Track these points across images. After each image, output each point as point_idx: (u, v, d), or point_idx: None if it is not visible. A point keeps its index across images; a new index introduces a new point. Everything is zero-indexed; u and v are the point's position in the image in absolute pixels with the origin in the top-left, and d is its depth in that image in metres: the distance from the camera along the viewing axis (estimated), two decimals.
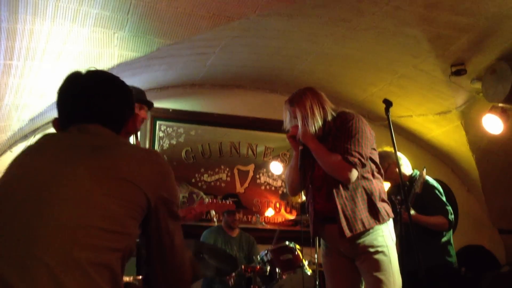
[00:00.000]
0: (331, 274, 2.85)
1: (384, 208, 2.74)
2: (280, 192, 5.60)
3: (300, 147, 2.84)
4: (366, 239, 2.65)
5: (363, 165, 2.69)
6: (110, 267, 1.24)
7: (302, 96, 2.87)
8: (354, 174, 2.66)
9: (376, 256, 2.63)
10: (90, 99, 1.47)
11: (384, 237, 2.68)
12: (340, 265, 2.80)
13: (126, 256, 1.31)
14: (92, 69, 1.53)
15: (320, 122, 2.80)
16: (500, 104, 4.36)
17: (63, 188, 1.27)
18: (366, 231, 2.64)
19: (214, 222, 4.68)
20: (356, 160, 2.65)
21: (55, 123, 1.53)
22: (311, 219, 2.87)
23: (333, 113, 2.85)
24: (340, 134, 2.74)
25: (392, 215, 2.77)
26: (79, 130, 1.42)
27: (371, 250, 2.64)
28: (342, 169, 2.65)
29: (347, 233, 2.62)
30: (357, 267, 2.75)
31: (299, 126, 2.82)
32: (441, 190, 3.87)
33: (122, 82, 1.57)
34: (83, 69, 1.53)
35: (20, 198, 1.27)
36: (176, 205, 1.46)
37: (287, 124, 2.95)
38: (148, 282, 1.49)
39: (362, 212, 2.67)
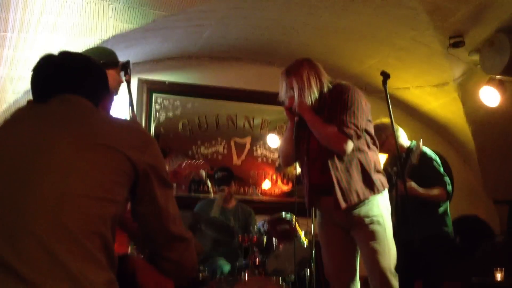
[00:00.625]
0: (327, 244, 2.90)
1: (380, 179, 2.77)
2: (276, 164, 5.62)
3: (296, 118, 2.84)
4: (362, 210, 2.69)
5: (359, 137, 2.70)
6: (101, 234, 1.23)
7: (299, 67, 2.85)
8: (350, 145, 2.67)
9: (372, 226, 2.67)
10: (66, 71, 1.47)
11: (379, 207, 2.72)
12: (336, 235, 2.85)
13: (115, 223, 1.31)
14: (64, 50, 1.54)
15: (316, 94, 2.80)
16: (498, 76, 4.35)
17: (44, 158, 1.26)
18: (361, 202, 2.68)
19: (210, 194, 4.71)
20: (351, 131, 2.65)
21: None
22: (306, 191, 2.89)
23: (329, 85, 2.84)
24: (335, 105, 2.74)
25: (387, 185, 2.80)
26: (60, 100, 1.41)
27: (367, 220, 2.67)
28: (338, 140, 2.66)
29: (342, 204, 2.65)
30: (353, 238, 2.79)
31: (295, 97, 2.82)
32: (439, 161, 3.89)
33: (95, 61, 1.59)
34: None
35: (3, 173, 1.26)
36: (165, 172, 1.44)
37: (282, 95, 2.94)
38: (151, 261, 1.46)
39: (357, 183, 2.69)
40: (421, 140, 3.65)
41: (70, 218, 1.19)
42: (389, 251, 2.68)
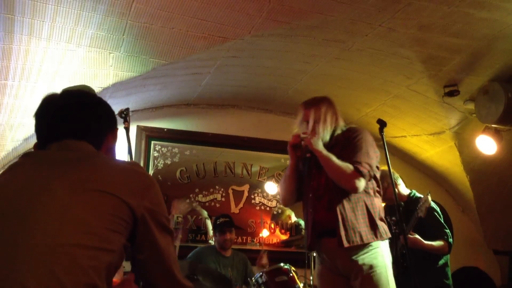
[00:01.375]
0: None
1: (383, 226, 2.75)
2: (274, 212, 5.57)
3: (307, 155, 2.81)
4: (365, 258, 2.63)
5: (371, 177, 2.71)
6: (94, 286, 1.18)
7: (319, 102, 2.91)
8: (362, 183, 2.66)
9: (375, 276, 2.61)
10: (66, 116, 1.44)
11: (383, 256, 2.68)
12: (335, 284, 2.79)
13: (111, 273, 1.25)
14: (66, 88, 1.53)
15: (329, 131, 2.83)
16: (493, 125, 4.38)
17: (40, 205, 1.22)
18: (363, 246, 2.63)
19: (211, 240, 4.63)
20: (365, 170, 2.66)
21: (35, 147, 1.50)
22: (308, 231, 2.84)
23: (343, 128, 2.89)
24: (348, 145, 2.76)
25: (389, 234, 2.77)
26: (59, 146, 1.40)
27: (370, 269, 2.61)
28: (352, 177, 2.64)
29: (345, 243, 2.61)
30: (353, 286, 2.73)
31: (309, 129, 2.81)
32: (440, 212, 3.87)
33: (99, 98, 1.56)
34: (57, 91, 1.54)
35: None
36: (165, 218, 1.39)
37: (295, 127, 2.95)
38: None
39: (362, 225, 2.66)
40: (429, 193, 3.63)
41: (62, 270, 1.14)
42: None
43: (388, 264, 2.67)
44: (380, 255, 2.65)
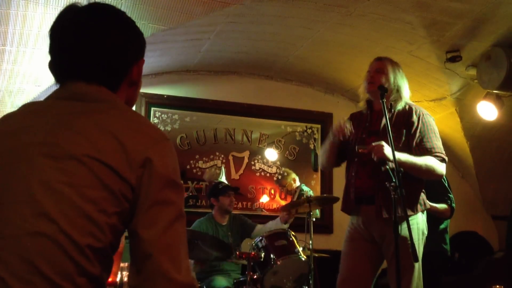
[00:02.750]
0: (352, 256, 2.83)
1: (423, 199, 2.78)
2: (275, 178, 5.61)
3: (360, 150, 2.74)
4: (402, 228, 2.57)
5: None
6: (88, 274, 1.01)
7: (395, 62, 2.94)
8: (445, 168, 2.75)
9: (407, 248, 2.53)
10: (76, 46, 1.15)
11: (419, 229, 2.71)
12: (364, 249, 2.79)
13: (107, 256, 1.07)
14: (93, 1, 1.22)
15: (393, 87, 2.81)
16: (495, 91, 4.36)
17: (15, 182, 1.02)
18: (402, 217, 2.56)
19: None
20: (443, 155, 2.75)
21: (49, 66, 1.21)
22: (348, 194, 2.85)
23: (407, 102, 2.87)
24: (415, 127, 2.77)
25: (428, 205, 2.81)
26: (61, 92, 1.16)
27: (404, 240, 2.54)
28: (439, 169, 2.73)
29: (384, 214, 2.62)
30: (381, 253, 2.74)
31: (380, 80, 2.78)
32: (445, 177, 3.88)
33: (125, 17, 1.24)
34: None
35: None
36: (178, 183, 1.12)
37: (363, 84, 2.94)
38: None
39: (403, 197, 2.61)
40: None
41: (43, 261, 0.96)
42: (418, 276, 2.66)
43: (421, 238, 2.72)
44: (416, 228, 2.67)
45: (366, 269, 2.77)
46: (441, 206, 3.72)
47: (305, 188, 5.14)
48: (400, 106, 2.83)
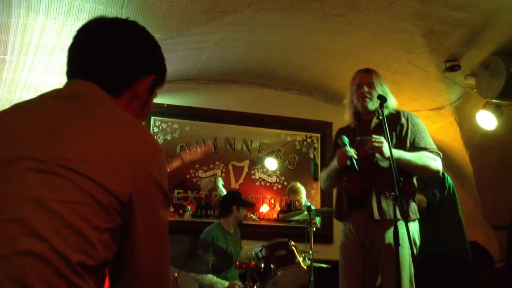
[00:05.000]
0: (347, 266, 2.82)
1: (414, 208, 2.77)
2: (275, 188, 5.60)
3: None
4: (394, 236, 2.55)
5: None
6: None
7: (378, 74, 3.02)
8: (440, 164, 2.77)
9: (399, 256, 2.52)
10: (90, 43, 1.18)
11: (411, 236, 2.61)
12: (358, 258, 2.77)
13: (99, 269, 1.03)
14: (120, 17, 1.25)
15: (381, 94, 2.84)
16: (494, 100, 4.37)
17: (4, 200, 0.98)
18: (393, 222, 2.56)
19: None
20: (438, 151, 2.78)
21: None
22: (340, 200, 2.86)
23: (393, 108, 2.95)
24: (406, 129, 2.83)
25: (418, 215, 2.79)
26: (59, 92, 1.15)
27: (395, 248, 2.51)
28: (435, 165, 2.74)
29: (376, 215, 2.62)
30: (375, 262, 2.72)
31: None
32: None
33: (148, 35, 1.25)
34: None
35: None
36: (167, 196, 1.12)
37: (349, 96, 3.03)
38: None
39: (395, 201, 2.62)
40: None
41: (32, 278, 0.94)
42: (410, 280, 2.63)
43: (408, 246, 2.65)
44: (405, 237, 2.58)
45: (362, 279, 2.74)
46: (419, 195, 3.74)
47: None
48: (387, 112, 2.87)
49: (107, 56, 1.17)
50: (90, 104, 1.11)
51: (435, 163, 2.76)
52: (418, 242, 2.75)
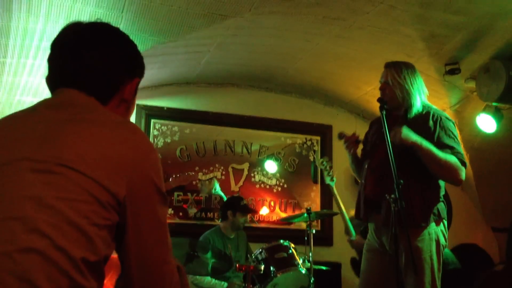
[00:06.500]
0: (368, 270, 2.79)
1: (438, 208, 2.63)
2: (275, 190, 5.60)
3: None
4: (419, 241, 2.50)
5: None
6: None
7: (402, 66, 2.80)
8: (464, 175, 2.57)
9: (418, 261, 2.47)
10: (72, 54, 1.19)
11: (432, 240, 2.57)
12: (379, 259, 2.71)
13: (99, 266, 1.05)
14: (95, 21, 1.26)
15: (401, 96, 2.68)
16: (494, 103, 4.37)
17: (5, 199, 1.00)
18: (416, 226, 2.49)
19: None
20: (464, 160, 2.57)
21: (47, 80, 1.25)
22: (360, 202, 2.80)
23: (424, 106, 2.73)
24: (439, 133, 2.63)
25: (444, 216, 2.64)
26: (48, 101, 1.18)
27: (415, 252, 2.45)
28: (460, 171, 2.56)
29: (387, 223, 2.52)
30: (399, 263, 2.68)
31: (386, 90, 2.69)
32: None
33: (126, 36, 1.28)
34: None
35: None
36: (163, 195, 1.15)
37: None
38: None
39: (414, 206, 2.52)
40: None
41: (33, 274, 0.95)
42: (432, 284, 2.57)
43: (434, 251, 2.56)
44: (426, 239, 2.55)
45: (382, 281, 2.70)
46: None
47: None
48: (415, 111, 2.74)
49: (91, 68, 1.19)
50: (83, 109, 1.15)
51: (459, 170, 2.57)
52: (444, 243, 2.66)
